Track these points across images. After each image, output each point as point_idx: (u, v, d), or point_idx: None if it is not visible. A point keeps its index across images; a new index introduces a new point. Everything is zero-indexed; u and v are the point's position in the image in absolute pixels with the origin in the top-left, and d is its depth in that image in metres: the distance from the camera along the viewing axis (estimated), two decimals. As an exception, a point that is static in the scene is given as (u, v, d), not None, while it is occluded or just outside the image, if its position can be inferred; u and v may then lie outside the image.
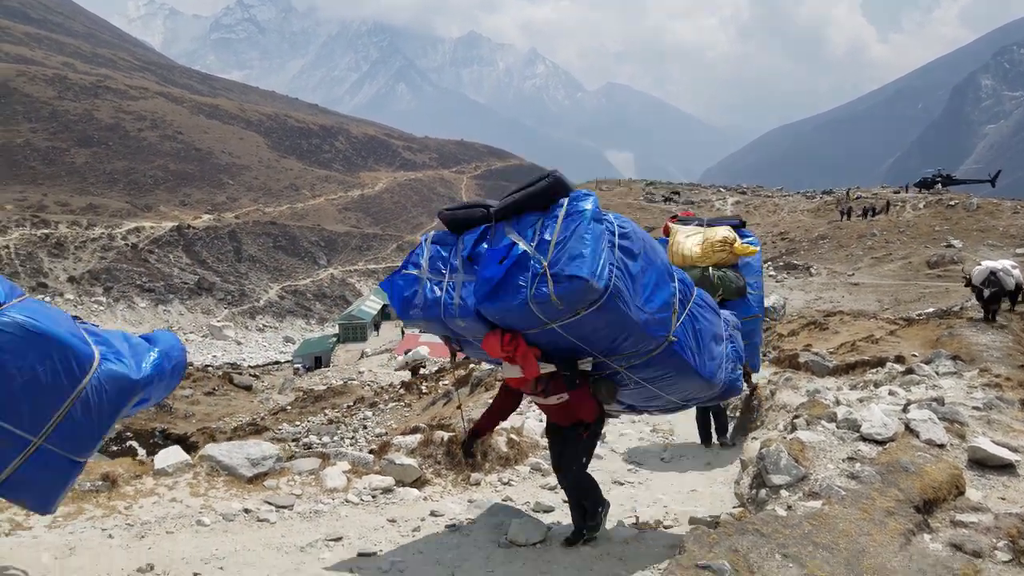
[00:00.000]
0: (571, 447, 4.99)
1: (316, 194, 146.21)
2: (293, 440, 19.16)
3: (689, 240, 8.29)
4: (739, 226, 8.59)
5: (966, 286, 15.25)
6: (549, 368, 4.57)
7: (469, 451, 5.16)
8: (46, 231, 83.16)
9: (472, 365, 21.72)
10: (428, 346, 34.60)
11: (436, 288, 4.50)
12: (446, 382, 21.65)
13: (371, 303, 71.18)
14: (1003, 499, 4.81)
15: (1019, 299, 15.18)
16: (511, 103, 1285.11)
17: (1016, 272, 14.12)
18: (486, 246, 4.44)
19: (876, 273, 40.03)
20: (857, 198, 66.67)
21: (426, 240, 4.79)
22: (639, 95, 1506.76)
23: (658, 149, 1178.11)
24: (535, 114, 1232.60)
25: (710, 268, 8.04)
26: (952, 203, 53.23)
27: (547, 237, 4.21)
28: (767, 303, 22.88)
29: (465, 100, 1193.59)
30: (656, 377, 4.82)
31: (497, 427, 5.49)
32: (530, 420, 10.00)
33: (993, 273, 13.53)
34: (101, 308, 71.22)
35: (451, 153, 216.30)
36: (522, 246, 4.24)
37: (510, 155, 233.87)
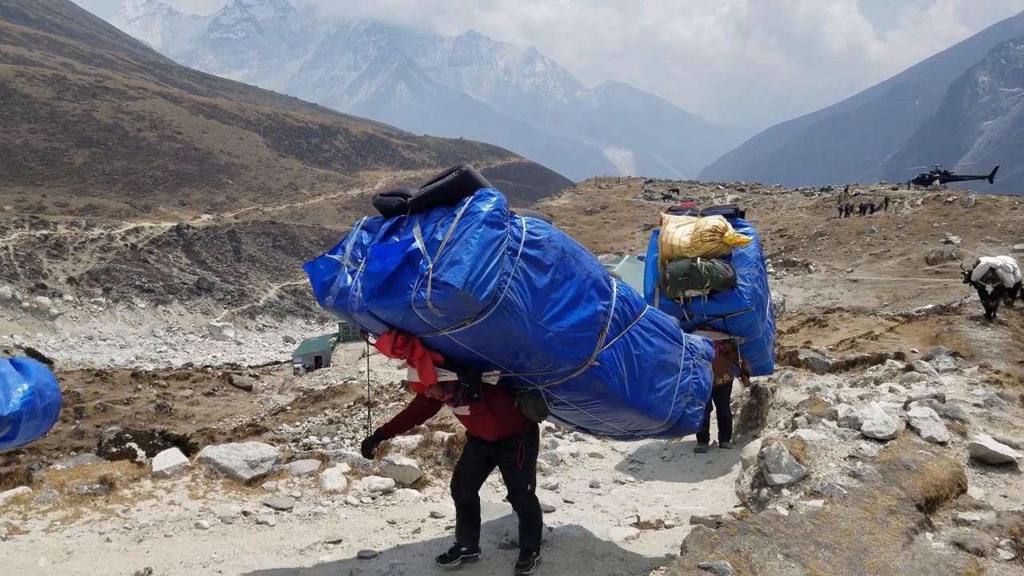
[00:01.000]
0: (512, 474, 4.64)
1: (315, 193, 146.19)
2: (293, 441, 19.12)
3: (679, 230, 7.88)
4: (734, 215, 8.30)
5: (965, 282, 15.23)
6: (448, 376, 4.21)
7: (369, 451, 4.73)
8: (45, 232, 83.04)
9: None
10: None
11: (349, 277, 4.13)
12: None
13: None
14: (1005, 497, 4.79)
15: (1018, 295, 15.17)
16: (510, 102, 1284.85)
17: (1016, 268, 14.10)
18: (396, 239, 4.11)
19: (875, 270, 40.02)
20: (856, 195, 66.63)
21: (359, 225, 4.47)
22: (638, 93, 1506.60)
23: (657, 147, 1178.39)
24: (534, 113, 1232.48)
25: (698, 259, 7.59)
26: (950, 199, 53.23)
27: (438, 237, 3.90)
28: (767, 301, 22.85)
29: (464, 99, 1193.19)
30: (582, 402, 4.46)
31: (407, 431, 5.06)
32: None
33: (992, 269, 13.51)
34: (101, 309, 71.13)
35: (450, 152, 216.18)
36: (418, 243, 3.93)
37: (510, 153, 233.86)
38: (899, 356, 10.87)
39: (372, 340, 4.34)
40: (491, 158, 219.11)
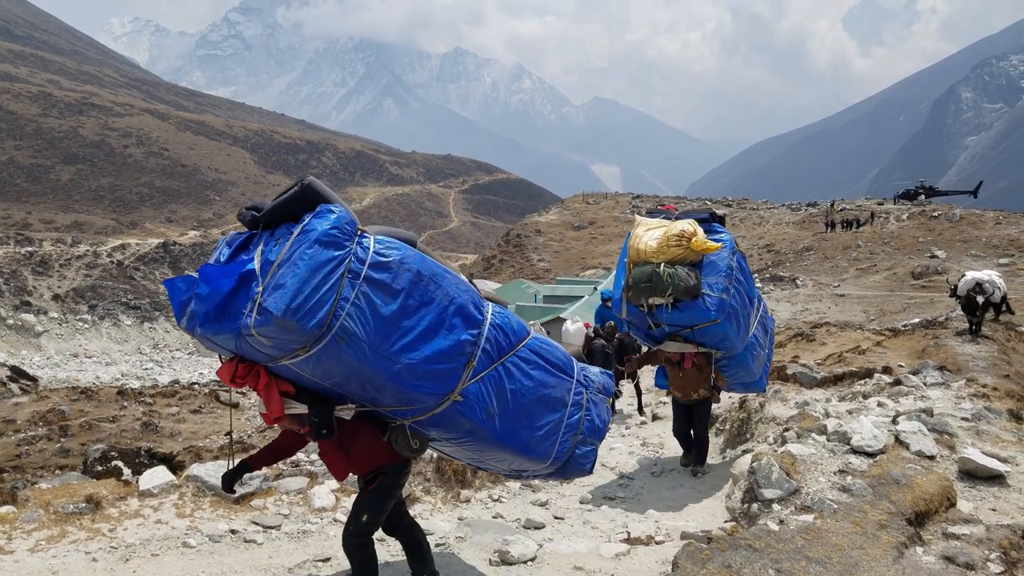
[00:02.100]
0: (358, 499, 4.29)
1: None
2: (281, 458, 18.95)
3: (648, 234, 7.37)
4: (709, 220, 7.75)
5: (951, 296, 15.35)
6: (297, 408, 3.85)
7: (231, 485, 4.23)
8: (30, 249, 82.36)
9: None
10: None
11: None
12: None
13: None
14: (994, 510, 4.81)
15: (1003, 309, 15.30)
16: (498, 118, 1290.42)
17: (1000, 283, 14.22)
18: (245, 256, 3.76)
19: (861, 284, 40.27)
20: (841, 210, 67.19)
21: (224, 240, 4.09)
22: (625, 109, 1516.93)
23: (644, 162, 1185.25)
24: (522, 129, 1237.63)
25: (662, 265, 7.09)
26: (935, 214, 53.74)
27: (271, 257, 3.56)
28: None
29: (452, 115, 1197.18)
30: (453, 440, 4.13)
31: (273, 465, 4.54)
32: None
33: (979, 284, 13.62)
34: (86, 326, 70.52)
35: (438, 168, 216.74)
36: (255, 263, 3.57)
37: (497, 170, 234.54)
38: (887, 370, 10.92)
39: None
40: (479, 174, 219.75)
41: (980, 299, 13.51)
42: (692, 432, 8.20)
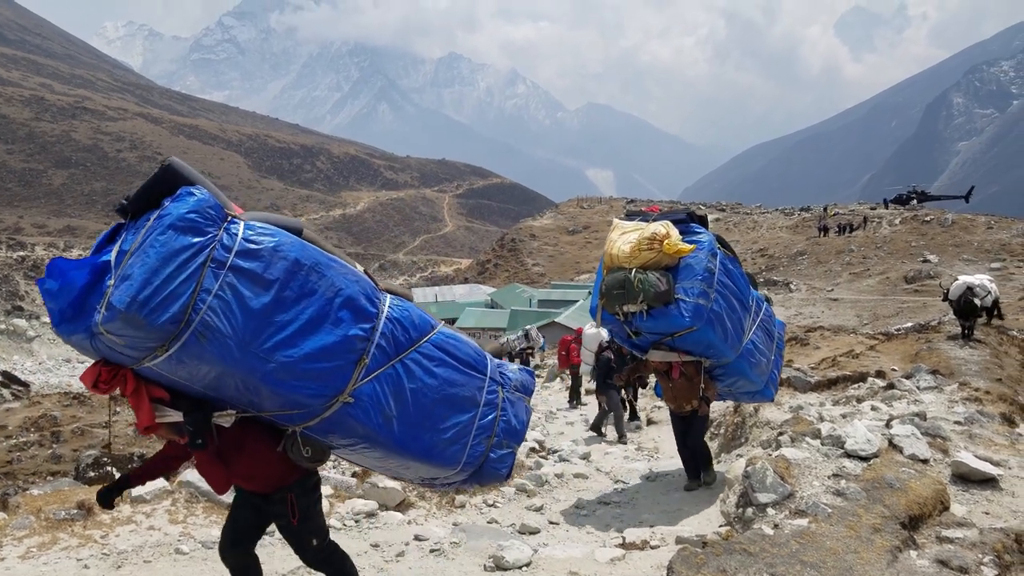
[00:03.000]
0: (290, 534, 3.95)
1: (297, 214, 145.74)
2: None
3: (623, 238, 6.99)
4: (686, 221, 7.22)
5: (943, 300, 15.41)
6: (171, 416, 3.43)
7: (109, 501, 3.87)
8: (22, 253, 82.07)
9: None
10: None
11: None
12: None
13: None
14: (987, 514, 4.82)
15: (995, 314, 15.37)
16: (492, 123, 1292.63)
17: (993, 287, 14.29)
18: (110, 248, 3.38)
19: (854, 288, 40.42)
20: (834, 215, 67.47)
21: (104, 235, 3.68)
22: (618, 114, 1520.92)
23: (638, 167, 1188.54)
24: (516, 133, 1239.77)
25: (634, 270, 6.72)
26: (928, 219, 54.02)
27: (126, 247, 3.20)
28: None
29: (447, 120, 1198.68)
30: (350, 446, 3.74)
31: (156, 478, 4.12)
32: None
33: (971, 288, 13.68)
34: (78, 331, 70.40)
35: (433, 172, 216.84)
36: (112, 255, 3.23)
37: (492, 174, 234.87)
38: (880, 374, 10.95)
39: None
40: (474, 178, 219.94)
41: (977, 302, 13.56)
42: (690, 445, 7.71)
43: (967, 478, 5.28)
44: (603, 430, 11.57)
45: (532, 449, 9.74)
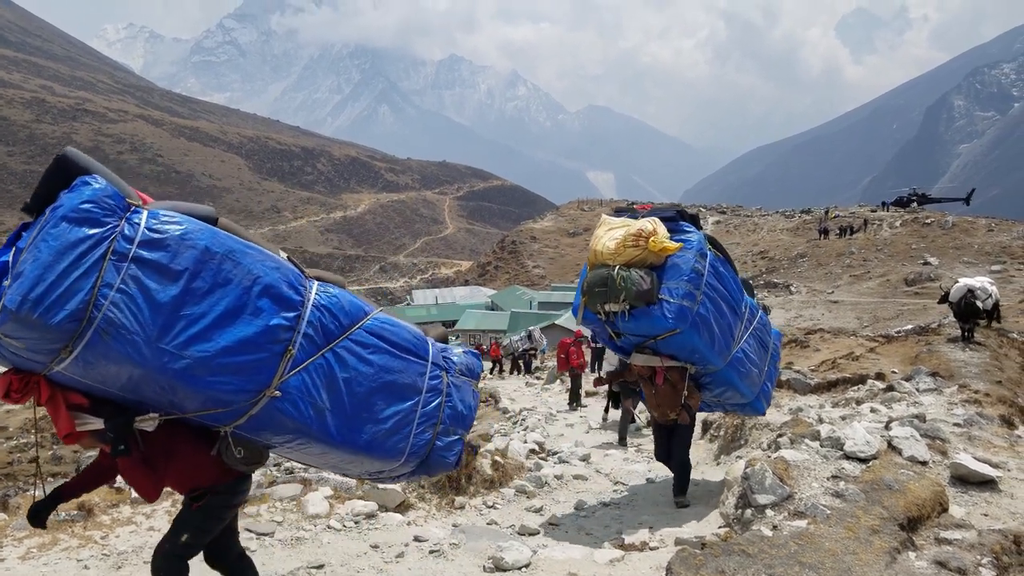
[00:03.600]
0: (178, 516, 3.67)
1: (298, 216, 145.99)
2: (275, 464, 18.92)
3: (609, 234, 6.68)
4: (675, 219, 6.84)
5: (940, 302, 15.42)
6: (92, 424, 3.25)
7: (41, 519, 3.56)
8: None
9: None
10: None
11: None
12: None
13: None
14: (986, 515, 4.83)
15: (995, 316, 15.37)
16: (493, 125, 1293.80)
17: (993, 289, 14.29)
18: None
19: (855, 291, 40.42)
20: (835, 217, 67.48)
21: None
22: (619, 116, 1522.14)
23: (638, 169, 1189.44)
24: (517, 135, 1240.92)
25: (617, 267, 6.40)
26: (928, 221, 54.03)
27: (21, 245, 3.06)
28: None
29: (447, 122, 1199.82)
30: (286, 443, 3.55)
31: (92, 491, 3.90)
32: (514, 442, 9.96)
33: (971, 291, 13.68)
34: (79, 332, 70.49)
35: (433, 174, 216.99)
36: (10, 255, 3.06)
37: (493, 176, 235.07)
38: (880, 376, 10.96)
39: None
40: (474, 180, 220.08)
41: (979, 304, 13.57)
42: (674, 459, 7.27)
43: (966, 480, 5.29)
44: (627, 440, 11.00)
45: (532, 451, 9.76)
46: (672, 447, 7.19)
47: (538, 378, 23.30)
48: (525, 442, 10.23)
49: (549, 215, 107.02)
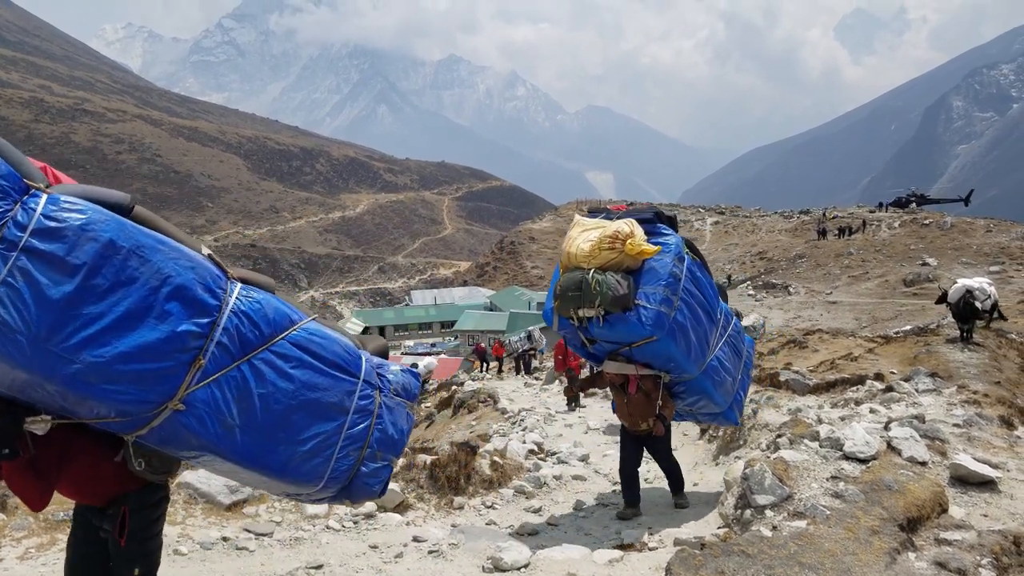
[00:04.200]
0: (115, 553, 3.33)
1: (297, 216, 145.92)
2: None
3: (583, 236, 6.36)
4: (653, 221, 6.59)
5: (938, 303, 15.42)
6: None
7: None
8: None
9: (454, 386, 21.65)
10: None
11: None
12: (428, 404, 21.53)
13: (352, 325, 70.99)
14: (985, 516, 4.82)
15: (994, 317, 15.37)
16: (492, 125, 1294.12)
17: (992, 290, 14.29)
18: None
19: (853, 291, 40.46)
20: (834, 218, 67.58)
21: None
22: (618, 117, 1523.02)
23: (637, 170, 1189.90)
24: (516, 136, 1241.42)
25: (592, 271, 6.10)
26: (927, 222, 54.14)
27: None
28: (747, 322, 22.94)
29: (446, 122, 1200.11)
30: (195, 459, 3.26)
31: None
32: (513, 443, 9.95)
33: (969, 291, 13.68)
34: (77, 332, 70.47)
35: (432, 175, 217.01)
36: None
37: (492, 177, 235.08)
38: (879, 377, 10.96)
39: None
40: (473, 181, 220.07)
41: (978, 305, 13.57)
42: (661, 467, 7.14)
43: (965, 480, 5.28)
44: None
45: (531, 451, 9.75)
46: (657, 461, 7.08)
47: (537, 378, 23.30)
48: (524, 442, 10.22)
49: (548, 216, 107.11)
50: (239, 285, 3.28)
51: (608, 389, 7.14)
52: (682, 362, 6.38)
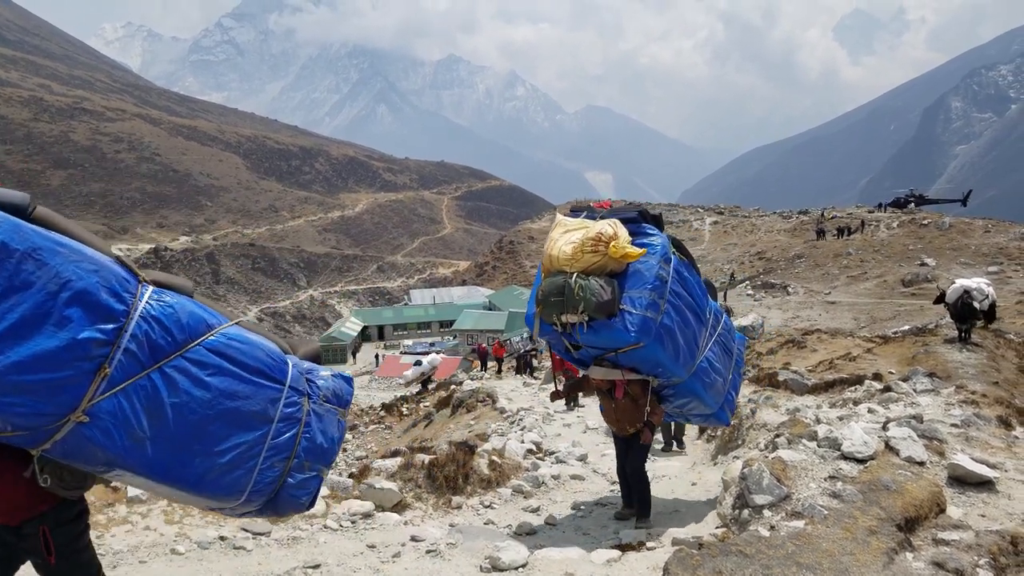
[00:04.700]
0: (43, 566, 3.13)
1: (296, 215, 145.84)
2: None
3: (565, 238, 6.12)
4: (638, 221, 6.34)
5: (936, 303, 15.42)
6: None
7: None
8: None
9: (453, 386, 21.65)
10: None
11: None
12: (427, 403, 21.53)
13: (351, 325, 70.97)
14: (983, 516, 4.82)
15: (993, 317, 15.37)
16: (492, 125, 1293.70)
17: (990, 290, 14.29)
18: None
19: (852, 291, 40.47)
20: (832, 218, 67.61)
21: None
22: (618, 117, 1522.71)
23: (637, 170, 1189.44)
24: (516, 136, 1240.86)
25: (575, 275, 5.88)
26: (925, 222, 54.16)
27: None
28: (745, 322, 22.95)
29: (446, 122, 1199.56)
30: (101, 472, 3.05)
31: None
32: (512, 442, 9.96)
33: (967, 292, 13.68)
34: (76, 332, 70.41)
35: (431, 174, 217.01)
36: None
37: (491, 176, 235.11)
38: (877, 377, 10.97)
39: None
40: (472, 181, 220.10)
41: (976, 305, 13.57)
42: (629, 478, 6.87)
43: (963, 480, 5.28)
44: (680, 443, 10.65)
45: (529, 451, 9.76)
46: (627, 461, 6.80)
47: (536, 377, 23.31)
48: (522, 442, 10.23)
49: (547, 215, 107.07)
50: (151, 288, 3.07)
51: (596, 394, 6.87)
52: (670, 366, 6.22)
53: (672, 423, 10.35)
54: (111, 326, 2.84)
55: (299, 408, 3.32)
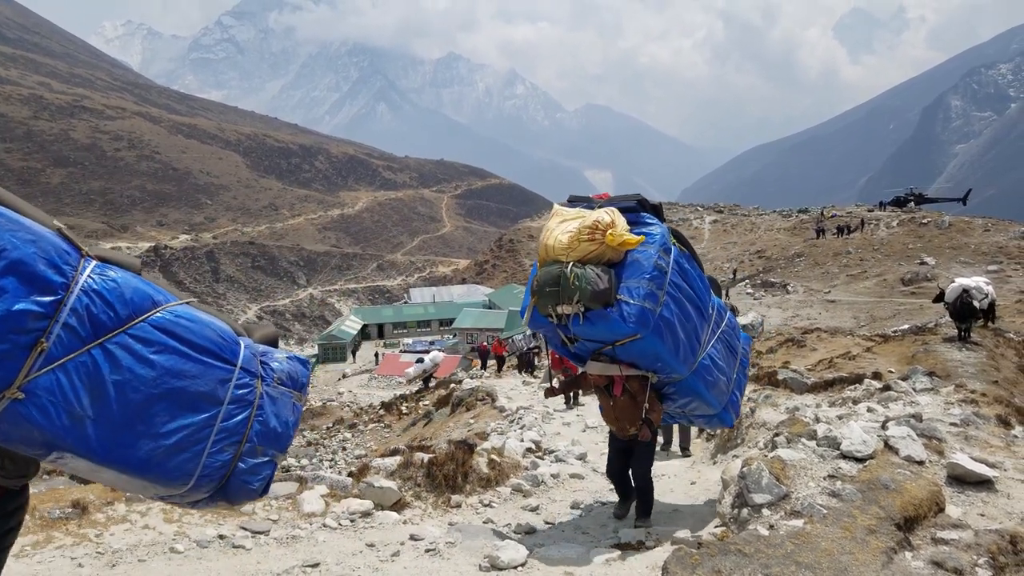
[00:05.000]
0: None
1: (295, 213, 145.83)
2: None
3: (562, 227, 5.94)
4: (636, 210, 6.15)
5: (935, 301, 15.43)
6: None
7: None
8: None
9: (453, 384, 21.65)
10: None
11: None
12: (426, 402, 21.53)
13: (351, 323, 70.96)
14: (982, 515, 4.82)
15: (993, 316, 15.39)
16: (491, 123, 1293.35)
17: (989, 289, 14.31)
18: None
19: (852, 290, 40.49)
20: (832, 216, 67.61)
21: None
22: (617, 115, 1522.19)
23: (636, 169, 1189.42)
24: (515, 134, 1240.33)
25: (571, 264, 5.69)
26: (925, 221, 54.16)
27: None
28: (745, 321, 22.94)
29: (446, 120, 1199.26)
30: (42, 456, 2.88)
31: None
32: (511, 441, 9.95)
33: (966, 291, 13.69)
34: (75, 330, 70.44)
35: (431, 173, 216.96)
36: None
37: (490, 175, 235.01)
38: (876, 376, 10.98)
39: None
40: (472, 179, 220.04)
41: (976, 304, 13.58)
42: (634, 479, 6.65)
43: (962, 480, 5.28)
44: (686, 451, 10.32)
45: (529, 449, 9.75)
46: (632, 465, 6.57)
47: (535, 376, 23.30)
48: (522, 441, 10.22)
49: (547, 214, 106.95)
50: (93, 263, 2.89)
51: (593, 391, 6.65)
52: (670, 361, 5.99)
53: (675, 426, 10.15)
54: (49, 298, 2.68)
55: (251, 390, 3.15)
